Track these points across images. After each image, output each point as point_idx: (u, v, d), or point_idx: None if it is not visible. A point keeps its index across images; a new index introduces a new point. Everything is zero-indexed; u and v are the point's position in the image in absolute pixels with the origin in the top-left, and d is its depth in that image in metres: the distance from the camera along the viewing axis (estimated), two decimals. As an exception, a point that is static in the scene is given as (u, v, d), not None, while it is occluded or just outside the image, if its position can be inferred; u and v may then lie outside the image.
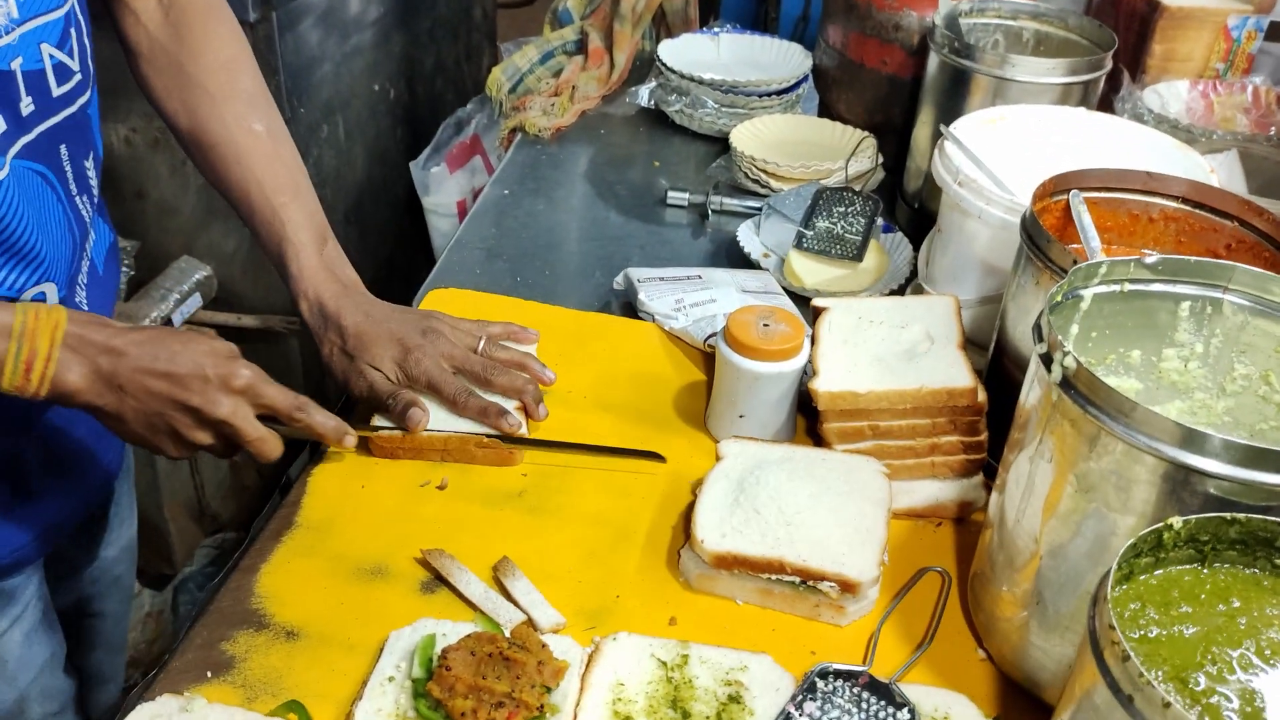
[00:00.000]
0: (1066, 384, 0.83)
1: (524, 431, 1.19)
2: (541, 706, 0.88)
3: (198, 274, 2.38)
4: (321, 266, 1.19)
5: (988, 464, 1.16)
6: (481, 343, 1.21)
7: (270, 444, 1.03)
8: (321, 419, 1.06)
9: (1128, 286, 0.96)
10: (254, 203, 1.18)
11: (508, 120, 1.97)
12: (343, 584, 1.03)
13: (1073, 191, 1.16)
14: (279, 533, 1.07)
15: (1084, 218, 1.12)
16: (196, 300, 2.39)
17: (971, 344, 1.23)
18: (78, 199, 1.08)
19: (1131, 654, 0.65)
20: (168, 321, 2.31)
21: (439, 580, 1.03)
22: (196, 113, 1.18)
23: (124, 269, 2.32)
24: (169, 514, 2.38)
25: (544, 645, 0.92)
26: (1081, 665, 0.72)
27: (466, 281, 1.50)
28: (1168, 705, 0.63)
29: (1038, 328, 0.89)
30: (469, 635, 0.92)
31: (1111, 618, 0.68)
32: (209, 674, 0.93)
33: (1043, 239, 1.06)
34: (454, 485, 1.14)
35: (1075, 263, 0.98)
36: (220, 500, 2.52)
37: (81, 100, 1.08)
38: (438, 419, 1.17)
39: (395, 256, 2.65)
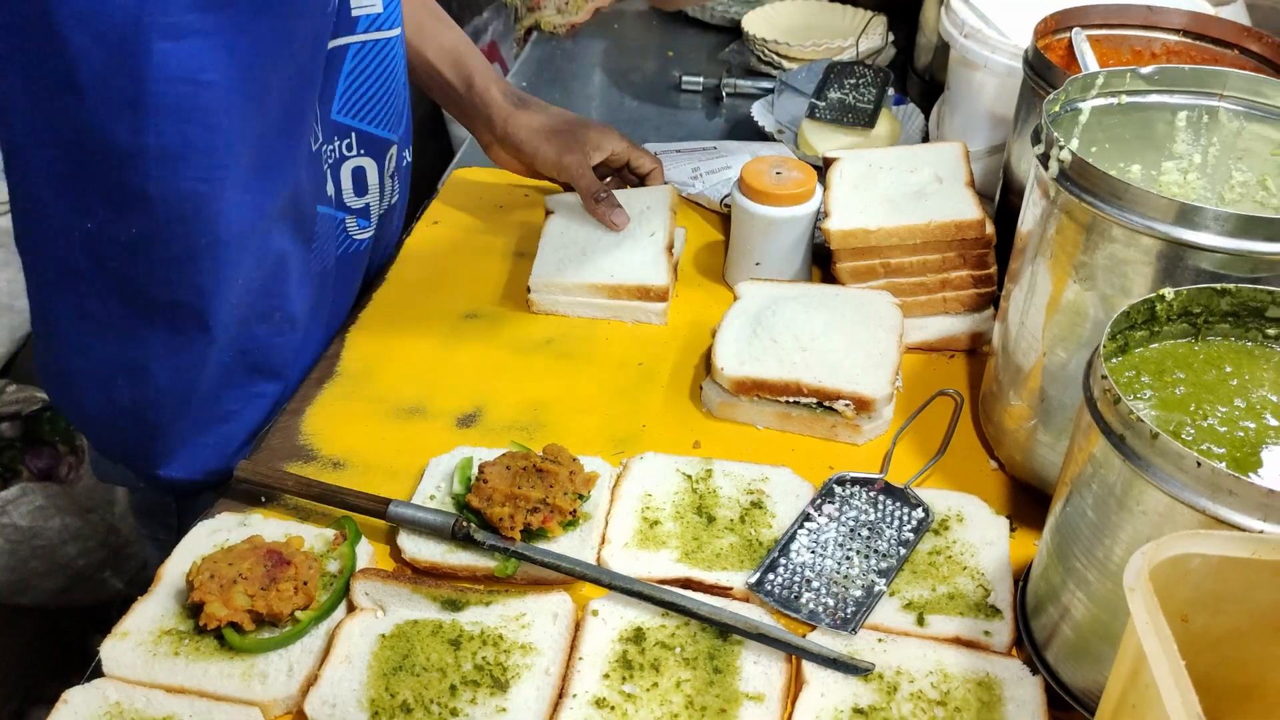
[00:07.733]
0: (1064, 177, 0.87)
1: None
2: (574, 512, 0.93)
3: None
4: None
5: (997, 298, 1.20)
6: None
7: None
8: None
9: (1125, 99, 0.99)
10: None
11: (523, 20, 2.00)
12: (383, 422, 1.08)
13: (1075, 29, 1.18)
14: (320, 381, 1.13)
15: (1087, 55, 1.15)
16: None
17: (982, 196, 1.26)
18: None
19: (1121, 395, 0.69)
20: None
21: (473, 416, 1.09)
22: None
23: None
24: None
25: (575, 459, 0.97)
26: (1079, 428, 0.76)
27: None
28: (1155, 436, 0.67)
29: (1035, 132, 0.92)
30: (504, 454, 0.97)
31: (1104, 368, 0.72)
32: (263, 499, 0.99)
33: (1044, 66, 1.09)
34: (484, 334, 1.20)
35: (1075, 84, 1.01)
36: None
37: None
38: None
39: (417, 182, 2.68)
